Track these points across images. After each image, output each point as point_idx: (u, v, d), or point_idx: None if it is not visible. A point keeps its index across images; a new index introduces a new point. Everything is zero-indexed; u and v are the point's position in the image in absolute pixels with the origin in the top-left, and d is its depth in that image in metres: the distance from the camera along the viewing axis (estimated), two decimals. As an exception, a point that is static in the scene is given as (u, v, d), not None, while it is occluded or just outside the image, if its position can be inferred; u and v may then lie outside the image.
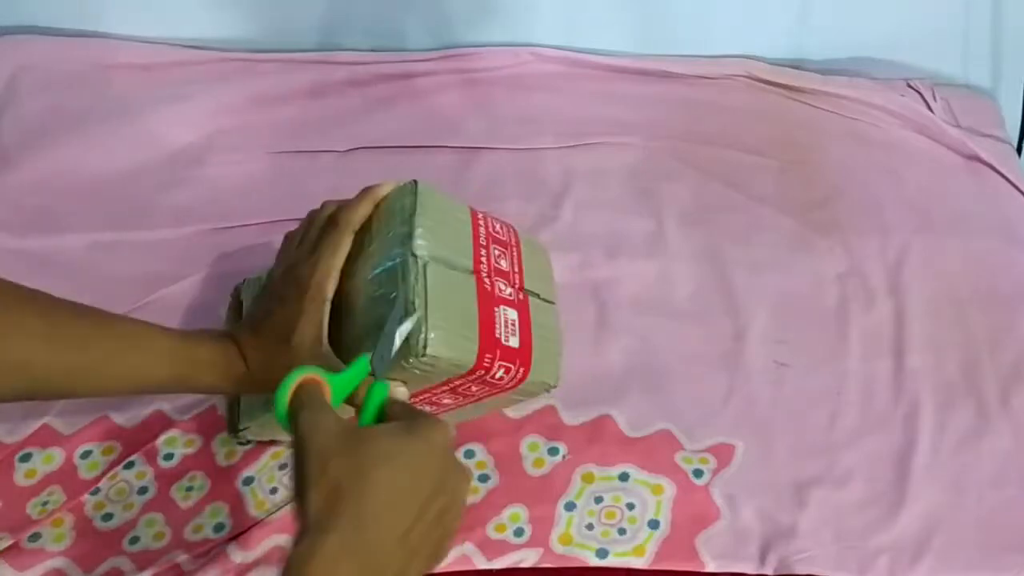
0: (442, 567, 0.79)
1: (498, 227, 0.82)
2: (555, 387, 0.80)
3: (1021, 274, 1.04)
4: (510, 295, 0.78)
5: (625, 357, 0.94)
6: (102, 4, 1.20)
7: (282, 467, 0.84)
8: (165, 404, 0.87)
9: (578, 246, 1.02)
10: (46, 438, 0.85)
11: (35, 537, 0.79)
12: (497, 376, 0.75)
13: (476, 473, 0.85)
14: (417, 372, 0.72)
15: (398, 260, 0.74)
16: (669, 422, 0.89)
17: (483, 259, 0.78)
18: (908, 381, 0.94)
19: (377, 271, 0.75)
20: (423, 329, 0.70)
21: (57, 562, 0.78)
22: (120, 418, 0.86)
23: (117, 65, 1.18)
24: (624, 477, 0.85)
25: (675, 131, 1.16)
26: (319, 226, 0.78)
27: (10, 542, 0.78)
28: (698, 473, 0.86)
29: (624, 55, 1.24)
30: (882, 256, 1.05)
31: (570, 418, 0.89)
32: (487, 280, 0.77)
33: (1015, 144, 1.22)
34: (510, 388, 0.77)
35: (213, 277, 0.98)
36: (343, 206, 0.79)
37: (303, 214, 1.03)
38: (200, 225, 1.03)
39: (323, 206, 0.81)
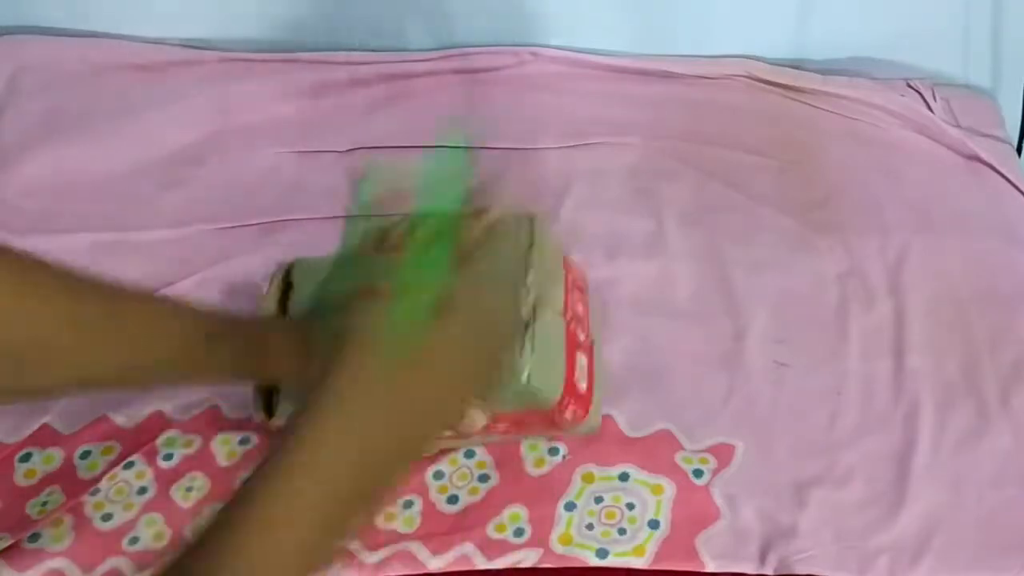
0: (442, 567, 0.79)
1: (579, 274, 0.87)
2: (595, 431, 0.85)
3: (1021, 274, 1.04)
4: (583, 340, 0.83)
5: (625, 357, 0.94)
6: (102, 4, 1.20)
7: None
8: (165, 404, 0.87)
9: (578, 246, 1.02)
10: (46, 438, 0.85)
11: (35, 537, 0.79)
12: (565, 416, 0.79)
13: (476, 473, 0.85)
14: (506, 397, 0.76)
15: None
16: (669, 422, 0.89)
17: (569, 304, 0.82)
18: (908, 381, 0.94)
19: None
20: (528, 361, 0.74)
21: (57, 563, 0.78)
22: (120, 418, 0.86)
23: (117, 65, 1.18)
24: (624, 477, 0.85)
25: (675, 131, 1.16)
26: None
27: (10, 542, 0.78)
28: (698, 473, 0.86)
29: (624, 55, 1.24)
30: (882, 256, 1.05)
31: (570, 418, 0.89)
32: (570, 325, 0.82)
33: (1015, 144, 1.22)
34: (563, 427, 0.81)
35: (213, 277, 0.98)
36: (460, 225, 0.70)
37: (303, 214, 1.04)
38: (200, 225, 1.03)
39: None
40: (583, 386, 0.81)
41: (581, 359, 0.81)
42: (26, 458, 0.84)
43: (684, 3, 1.23)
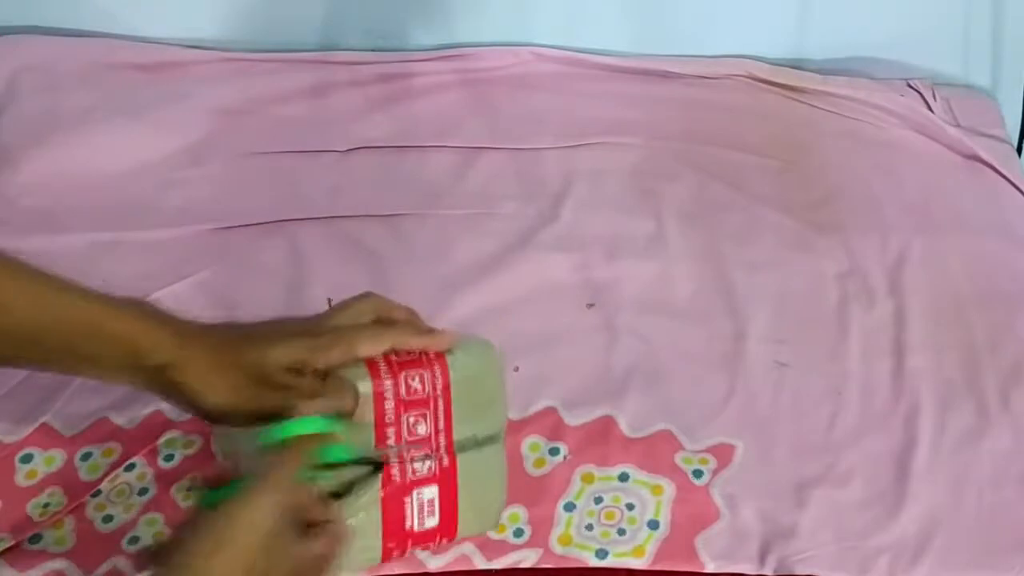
0: (442, 567, 0.79)
1: (415, 383, 0.72)
2: (495, 529, 0.80)
3: (1021, 274, 1.04)
4: (429, 470, 0.72)
5: (625, 357, 0.94)
6: (102, 4, 1.20)
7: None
8: (165, 404, 0.87)
9: (578, 246, 1.02)
10: (46, 439, 0.85)
11: (36, 539, 0.79)
12: (416, 552, 0.75)
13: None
14: None
15: None
16: (669, 422, 0.89)
17: (390, 440, 0.71)
18: (908, 381, 0.94)
19: None
20: None
21: (58, 563, 0.78)
22: (120, 419, 0.86)
23: (117, 65, 1.18)
24: (624, 477, 0.85)
25: (675, 131, 1.16)
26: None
27: (11, 543, 0.78)
28: (698, 473, 0.86)
29: (624, 55, 1.24)
30: (882, 256, 1.05)
31: (571, 419, 0.89)
32: (396, 471, 0.71)
33: (1015, 144, 1.22)
34: (436, 548, 0.77)
35: (213, 277, 0.98)
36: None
37: (303, 214, 1.04)
38: (200, 225, 1.03)
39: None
40: (431, 523, 0.73)
41: (420, 496, 0.72)
42: (27, 459, 0.84)
43: (684, 3, 1.23)
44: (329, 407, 0.67)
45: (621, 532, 0.82)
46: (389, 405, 0.71)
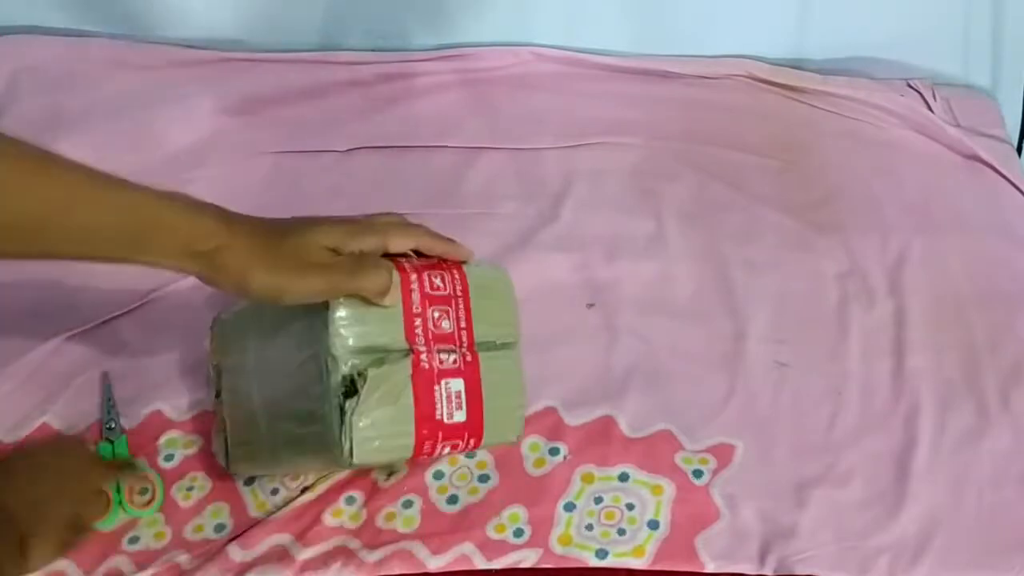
0: (442, 567, 0.79)
1: (437, 280, 0.75)
2: (517, 441, 0.81)
3: (1021, 274, 1.04)
4: (454, 362, 0.74)
5: (625, 357, 0.94)
6: (102, 4, 1.20)
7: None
8: (165, 404, 0.87)
9: (578, 246, 1.02)
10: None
11: (35, 538, 0.79)
12: (444, 453, 0.76)
13: (476, 473, 0.85)
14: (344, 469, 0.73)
15: (320, 358, 0.72)
16: (669, 422, 0.89)
17: (418, 331, 0.73)
18: (908, 381, 0.94)
19: (302, 357, 0.74)
20: (347, 440, 0.70)
21: (58, 563, 0.78)
22: (120, 419, 0.86)
23: (117, 65, 1.18)
24: (624, 477, 0.85)
25: (675, 131, 1.16)
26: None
27: (10, 542, 0.78)
28: (698, 473, 0.86)
29: (624, 55, 1.24)
30: (882, 256, 1.05)
31: (571, 419, 0.89)
32: (424, 357, 0.73)
33: (1015, 144, 1.22)
34: (465, 451, 0.78)
35: (213, 277, 0.97)
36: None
37: (303, 214, 1.04)
38: (200, 225, 1.02)
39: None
40: (459, 416, 0.74)
41: (448, 387, 0.73)
42: (26, 458, 0.84)
43: (684, 3, 1.23)
44: (365, 285, 0.71)
45: (621, 532, 0.82)
46: (416, 296, 0.73)
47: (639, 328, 0.96)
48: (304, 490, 0.82)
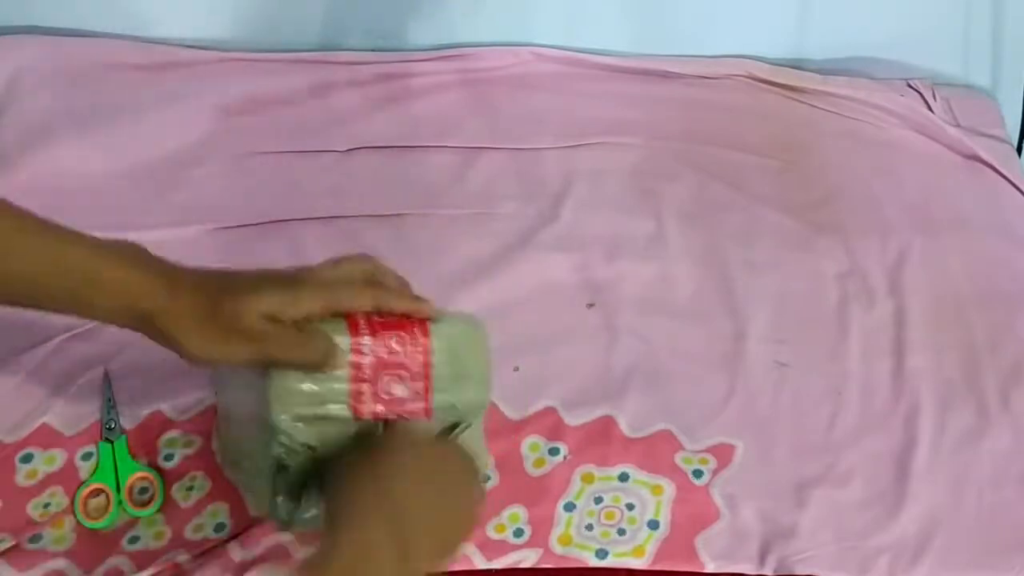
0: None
1: (394, 342, 0.70)
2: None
3: (1021, 274, 1.04)
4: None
5: (625, 357, 0.94)
6: (102, 4, 1.20)
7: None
8: (165, 404, 0.87)
9: (578, 246, 1.02)
10: (46, 438, 0.85)
11: (36, 538, 0.79)
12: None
13: (476, 473, 0.85)
14: None
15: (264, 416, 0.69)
16: (669, 422, 0.89)
17: (365, 398, 0.69)
18: (908, 381, 0.94)
19: (257, 402, 0.70)
20: (278, 512, 0.71)
21: (58, 563, 0.78)
22: (120, 419, 0.86)
23: (117, 65, 1.18)
24: (624, 477, 0.85)
25: (675, 131, 1.16)
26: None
27: (11, 543, 0.78)
28: (698, 473, 0.86)
29: (624, 55, 1.24)
30: (882, 256, 1.05)
31: (571, 419, 0.89)
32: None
33: (1015, 144, 1.22)
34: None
35: (213, 277, 0.98)
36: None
37: (303, 214, 1.04)
38: (201, 225, 1.02)
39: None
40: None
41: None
42: (27, 459, 0.84)
43: (684, 3, 1.23)
44: (299, 357, 0.68)
45: (621, 532, 0.82)
46: (366, 360, 0.69)
47: (639, 328, 0.96)
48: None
